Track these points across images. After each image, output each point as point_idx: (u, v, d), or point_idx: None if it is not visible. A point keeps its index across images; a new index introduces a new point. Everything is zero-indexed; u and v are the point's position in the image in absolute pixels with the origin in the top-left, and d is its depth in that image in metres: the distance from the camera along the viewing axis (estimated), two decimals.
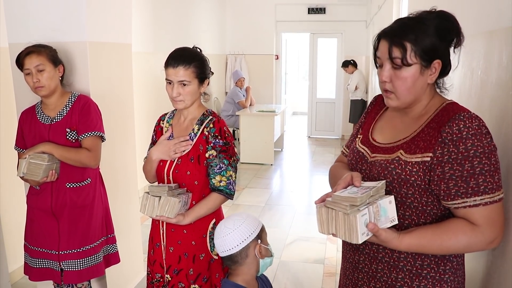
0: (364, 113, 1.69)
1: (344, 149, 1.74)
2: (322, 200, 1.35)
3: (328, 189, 1.52)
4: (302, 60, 14.08)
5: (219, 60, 9.34)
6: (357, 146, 1.57)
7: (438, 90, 1.44)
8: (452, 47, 1.37)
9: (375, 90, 7.20)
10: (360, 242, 1.23)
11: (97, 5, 2.78)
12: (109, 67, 2.98)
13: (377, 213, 1.26)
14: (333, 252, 4.21)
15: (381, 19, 6.52)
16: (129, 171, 3.28)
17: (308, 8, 9.78)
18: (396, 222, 1.31)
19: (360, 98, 8.70)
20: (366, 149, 1.52)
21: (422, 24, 1.32)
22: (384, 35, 1.38)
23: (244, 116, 7.52)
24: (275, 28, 10.00)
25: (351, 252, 1.54)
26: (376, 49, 1.41)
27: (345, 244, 1.60)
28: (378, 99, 1.64)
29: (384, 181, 1.34)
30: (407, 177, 1.34)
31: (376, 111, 1.62)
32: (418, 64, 1.32)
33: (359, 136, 1.61)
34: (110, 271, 2.79)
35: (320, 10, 9.72)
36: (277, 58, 10.26)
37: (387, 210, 1.29)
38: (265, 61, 9.99)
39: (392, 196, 1.31)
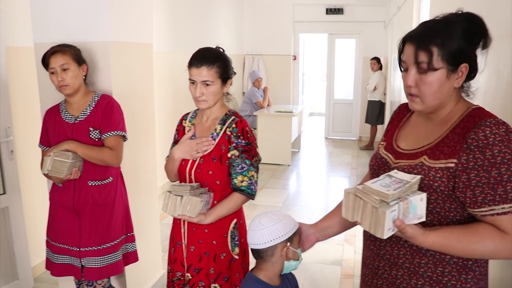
0: (389, 121, 1.67)
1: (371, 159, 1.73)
2: None
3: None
4: (319, 60, 14.02)
5: (237, 60, 9.35)
6: (381, 152, 1.56)
7: (463, 94, 1.41)
8: (480, 49, 1.34)
9: (393, 91, 7.14)
10: (385, 237, 1.21)
11: (119, 6, 2.81)
12: (131, 66, 3.01)
13: (407, 210, 1.23)
14: (351, 254, 4.19)
15: (401, 20, 6.47)
16: (149, 170, 3.31)
17: (326, 9, 9.74)
18: (424, 219, 1.28)
19: (378, 100, 8.63)
20: (389, 155, 1.50)
21: (449, 27, 1.29)
22: (410, 38, 1.35)
23: (261, 117, 7.52)
24: (293, 28, 9.98)
25: (371, 258, 1.52)
26: (401, 52, 1.39)
27: (365, 249, 1.58)
28: (402, 108, 1.63)
29: (419, 176, 1.30)
30: (430, 182, 1.31)
31: (399, 119, 1.61)
32: (444, 68, 1.29)
33: (382, 143, 1.59)
34: (129, 269, 2.82)
35: (338, 11, 9.67)
36: (295, 59, 10.24)
37: (417, 207, 1.25)
38: (283, 61, 9.98)
39: (425, 194, 1.27)
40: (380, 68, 8.64)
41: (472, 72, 1.35)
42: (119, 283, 2.98)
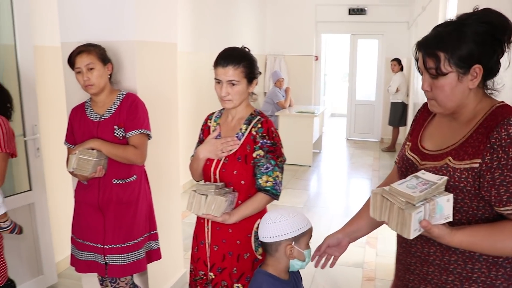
0: (413, 120, 1.68)
1: (396, 159, 1.73)
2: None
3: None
4: (341, 61, 13.94)
5: (259, 61, 9.25)
6: (407, 153, 1.56)
7: (488, 92, 1.40)
8: (505, 45, 1.33)
9: (417, 93, 7.05)
10: (411, 237, 1.23)
11: (145, 5, 2.83)
12: (155, 66, 3.03)
13: (433, 211, 1.24)
14: (372, 256, 4.16)
15: (426, 20, 6.38)
16: (172, 168, 3.32)
17: (349, 9, 9.67)
18: (451, 219, 1.29)
19: (400, 101, 8.53)
20: (415, 156, 1.51)
21: (457, 31, 1.30)
22: (418, 46, 1.38)
23: (283, 117, 7.50)
24: (315, 29, 9.94)
25: (404, 254, 1.55)
26: (416, 59, 1.42)
27: (398, 246, 1.61)
28: (426, 107, 1.62)
29: (446, 178, 1.31)
30: (456, 183, 1.32)
31: (424, 118, 1.61)
32: (454, 72, 1.31)
33: (408, 143, 1.60)
34: (151, 267, 2.84)
35: (361, 11, 9.60)
36: (317, 59, 10.20)
37: (444, 207, 1.26)
38: (305, 62, 9.95)
39: (451, 195, 1.28)
40: (401, 69, 8.53)
41: (492, 70, 1.35)
42: (142, 280, 3.00)
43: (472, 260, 1.36)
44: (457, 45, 1.29)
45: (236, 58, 1.97)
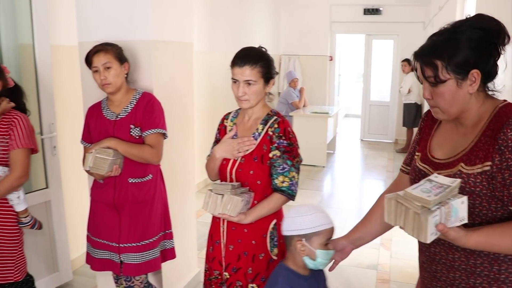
0: (418, 130, 1.70)
1: (403, 166, 1.75)
2: None
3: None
4: (356, 61, 13.88)
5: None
6: (417, 164, 1.57)
7: (490, 93, 1.43)
8: (500, 48, 1.35)
9: None
10: (428, 241, 1.23)
11: (161, 5, 2.83)
12: (172, 65, 3.03)
13: (448, 214, 1.25)
14: (387, 258, 4.13)
15: (442, 20, 6.30)
16: (187, 168, 3.33)
17: (364, 9, 9.62)
18: (466, 221, 1.29)
19: (413, 102, 8.44)
20: (427, 167, 1.52)
21: (451, 39, 1.33)
22: (416, 56, 1.41)
23: (297, 117, 7.48)
24: (330, 29, 9.90)
25: (428, 263, 1.55)
26: (416, 68, 1.45)
27: (421, 254, 1.60)
28: (429, 115, 1.64)
29: (459, 180, 1.31)
30: (472, 188, 1.33)
31: (429, 127, 1.62)
32: (452, 78, 1.33)
33: (417, 154, 1.61)
34: (165, 266, 2.84)
35: (376, 11, 9.53)
36: (331, 59, 10.15)
37: (459, 210, 1.27)
38: (319, 62, 9.91)
39: (466, 197, 1.29)
40: (413, 69, 8.42)
41: (490, 73, 1.37)
42: (156, 279, 3.01)
43: (497, 261, 1.37)
44: (453, 53, 1.32)
45: (253, 58, 1.97)
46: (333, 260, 1.81)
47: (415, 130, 8.60)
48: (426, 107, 7.82)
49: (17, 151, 2.39)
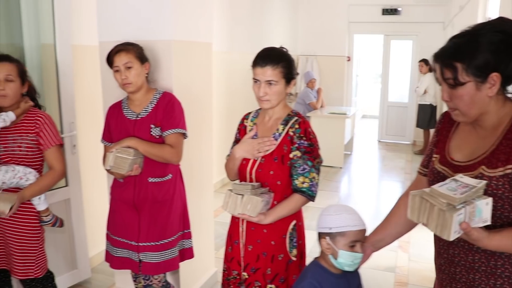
0: (435, 131, 1.68)
1: (420, 169, 1.74)
2: None
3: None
4: (374, 61, 13.79)
5: None
6: (436, 166, 1.57)
7: (510, 96, 1.43)
8: None
9: None
10: (451, 239, 1.24)
11: (182, 5, 2.84)
12: (191, 65, 3.04)
13: (472, 214, 1.26)
14: (405, 261, 4.08)
15: (463, 20, 6.22)
16: (205, 168, 3.33)
17: (382, 9, 9.53)
18: (489, 222, 1.30)
19: (429, 103, 8.34)
20: (446, 169, 1.51)
21: (473, 41, 1.33)
22: (435, 57, 1.41)
23: (315, 118, 7.45)
24: (348, 29, 9.84)
25: (446, 264, 1.54)
26: (434, 70, 1.44)
27: (438, 257, 1.60)
28: (446, 116, 1.63)
29: (485, 181, 1.31)
30: (494, 191, 1.33)
31: (447, 129, 1.61)
32: (472, 81, 1.33)
33: (435, 156, 1.60)
34: (182, 265, 2.85)
35: (395, 11, 9.44)
36: (349, 60, 10.10)
37: (483, 211, 1.28)
38: (337, 62, 9.85)
39: (491, 199, 1.30)
40: (430, 70, 8.35)
41: (509, 77, 1.37)
42: (173, 279, 3.02)
43: None
44: (473, 55, 1.31)
45: (274, 58, 1.96)
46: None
47: (432, 131, 8.56)
48: (442, 109, 7.73)
49: (51, 150, 2.46)
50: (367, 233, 1.81)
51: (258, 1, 7.46)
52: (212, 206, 3.51)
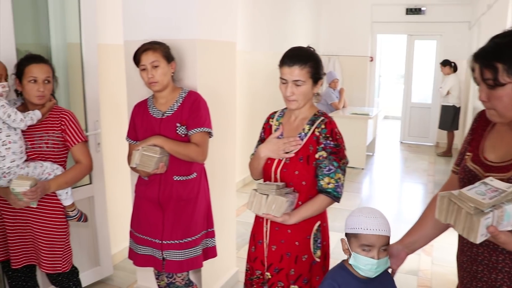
0: (470, 129, 1.66)
1: (454, 167, 1.73)
2: None
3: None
4: (396, 62, 13.63)
5: None
6: (468, 164, 1.55)
7: None
8: None
9: (475, 97, 6.76)
10: (478, 242, 1.24)
11: (207, 4, 2.85)
12: (215, 64, 3.04)
13: (501, 217, 1.25)
14: (428, 264, 4.03)
15: (491, 20, 6.09)
16: (228, 167, 3.34)
17: (406, 9, 9.41)
18: None
19: (452, 104, 8.21)
20: (478, 168, 1.50)
21: None
22: (475, 57, 1.39)
23: (337, 118, 7.26)
24: (371, 29, 9.75)
25: (468, 262, 1.53)
26: (473, 69, 1.42)
27: (461, 254, 1.59)
28: (482, 116, 1.60)
29: None
30: None
31: (482, 128, 1.59)
32: None
33: (468, 154, 1.58)
34: (204, 264, 2.85)
35: (419, 11, 9.31)
36: (372, 60, 10.00)
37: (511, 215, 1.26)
38: (359, 62, 9.77)
39: None
40: (454, 70, 8.22)
41: None
42: (195, 277, 3.03)
43: None
44: None
45: (302, 58, 1.95)
46: (390, 269, 1.78)
47: (457, 133, 8.43)
48: (471, 111, 7.59)
49: (77, 146, 2.52)
50: (393, 237, 1.77)
51: (281, 1, 7.45)
52: (234, 205, 3.51)
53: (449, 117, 8.26)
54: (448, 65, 8.21)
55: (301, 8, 8.46)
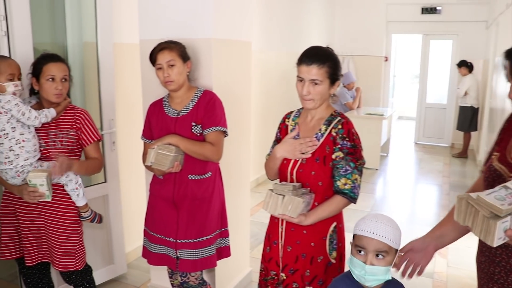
0: (500, 129, 1.63)
1: (483, 168, 1.69)
2: None
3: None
4: (411, 61, 13.52)
5: None
6: (494, 164, 1.53)
7: None
8: None
9: (495, 98, 6.67)
10: (494, 245, 1.24)
11: (222, 3, 2.84)
12: (231, 64, 3.04)
13: None
14: (443, 267, 3.98)
15: (510, 19, 6.00)
16: (243, 166, 3.33)
17: (422, 8, 9.32)
18: None
19: (469, 105, 8.10)
20: (503, 168, 1.47)
21: None
22: (507, 55, 1.38)
23: (351, 118, 7.13)
24: (386, 28, 9.68)
25: (486, 263, 1.52)
26: (505, 67, 1.41)
27: (480, 254, 1.58)
28: None
29: None
30: None
31: None
32: None
33: (495, 153, 1.56)
34: (218, 264, 2.85)
35: (435, 10, 9.22)
36: (386, 60, 9.92)
37: None
38: (374, 62, 9.71)
39: None
40: (470, 71, 8.11)
41: None
42: (209, 277, 3.02)
43: None
44: None
45: (321, 57, 1.93)
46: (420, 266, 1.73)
47: (473, 134, 8.33)
48: (488, 112, 7.49)
49: (91, 145, 2.56)
50: (407, 239, 1.72)
51: (295, 0, 7.42)
52: (248, 205, 3.50)
53: (467, 118, 8.16)
54: (464, 66, 8.11)
55: (315, 7, 8.43)
